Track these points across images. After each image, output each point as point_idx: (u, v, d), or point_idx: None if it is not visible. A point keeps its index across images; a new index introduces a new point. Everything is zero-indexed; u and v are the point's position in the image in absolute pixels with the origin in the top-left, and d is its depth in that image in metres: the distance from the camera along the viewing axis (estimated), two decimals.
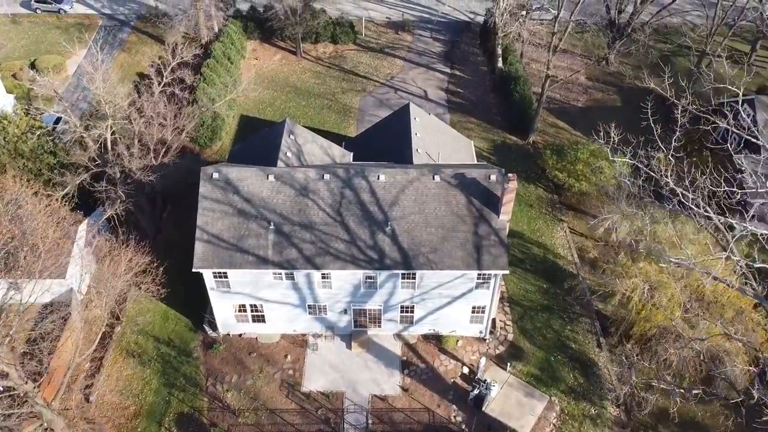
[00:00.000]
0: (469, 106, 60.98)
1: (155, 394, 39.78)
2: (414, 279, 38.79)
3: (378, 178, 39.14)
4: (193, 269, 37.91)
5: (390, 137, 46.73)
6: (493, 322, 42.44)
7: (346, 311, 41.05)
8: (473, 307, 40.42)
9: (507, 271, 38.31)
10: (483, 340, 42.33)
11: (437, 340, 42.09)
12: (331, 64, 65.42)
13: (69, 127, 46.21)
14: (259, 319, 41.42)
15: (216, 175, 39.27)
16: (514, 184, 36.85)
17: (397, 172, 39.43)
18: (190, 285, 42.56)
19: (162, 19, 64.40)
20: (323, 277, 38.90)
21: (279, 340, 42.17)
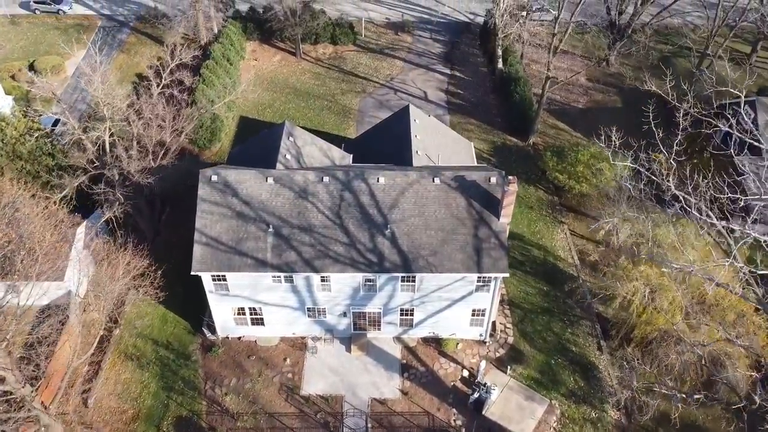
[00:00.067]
0: (469, 107, 60.81)
1: (154, 397, 39.62)
2: (414, 282, 38.64)
3: (378, 180, 38.98)
4: (192, 272, 37.78)
5: (390, 139, 46.54)
6: (493, 325, 42.28)
7: (345, 314, 40.90)
8: (473, 310, 40.27)
9: (507, 274, 38.14)
10: (483, 343, 42.17)
11: (437, 343, 41.93)
12: (330, 65, 65.25)
13: (67, 128, 46.08)
14: (258, 322, 41.26)
15: (215, 178, 39.10)
16: (514, 187, 36.71)
17: (397, 175, 39.27)
18: (188, 288, 42.38)
19: (161, 20, 64.25)
20: (322, 280, 38.74)
21: (278, 343, 42.02)
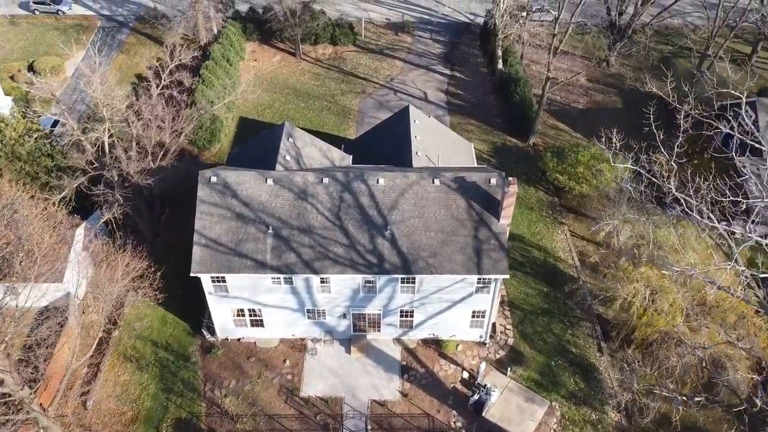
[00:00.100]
0: (469, 108, 60.70)
1: (153, 399, 39.52)
2: (413, 283, 38.54)
3: (377, 181, 38.88)
4: (191, 274, 37.69)
5: (389, 140, 46.45)
6: (494, 327, 42.19)
7: (345, 315, 40.80)
8: (473, 312, 40.17)
9: (507, 276, 38.04)
10: (483, 345, 42.06)
11: (437, 345, 41.82)
12: (330, 66, 65.14)
13: (66, 129, 45.95)
14: (257, 323, 41.16)
15: (214, 179, 39.01)
16: (514, 188, 36.62)
17: (397, 176, 39.18)
18: (188, 289, 42.28)
19: (160, 20, 64.18)
20: (322, 282, 38.65)
21: (278, 345, 41.92)
